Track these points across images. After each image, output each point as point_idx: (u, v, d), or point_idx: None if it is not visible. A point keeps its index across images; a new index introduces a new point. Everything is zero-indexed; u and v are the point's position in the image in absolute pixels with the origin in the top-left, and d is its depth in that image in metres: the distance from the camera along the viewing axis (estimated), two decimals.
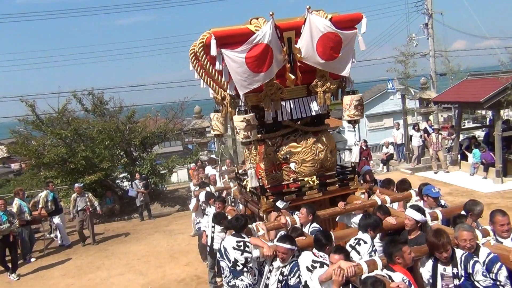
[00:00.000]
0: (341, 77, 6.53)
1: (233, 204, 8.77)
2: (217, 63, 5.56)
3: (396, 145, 18.40)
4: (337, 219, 6.62)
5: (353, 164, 7.06)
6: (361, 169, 7.94)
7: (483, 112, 26.89)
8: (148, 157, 15.36)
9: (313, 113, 6.65)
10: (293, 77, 5.94)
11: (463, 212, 5.50)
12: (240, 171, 8.09)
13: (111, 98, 16.28)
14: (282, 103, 6.33)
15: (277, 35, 5.62)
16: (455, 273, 4.26)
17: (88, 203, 11.70)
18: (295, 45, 5.88)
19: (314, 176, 6.56)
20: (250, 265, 5.29)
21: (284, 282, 4.84)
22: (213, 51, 5.42)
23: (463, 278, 4.23)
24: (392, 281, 4.03)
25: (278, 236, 5.28)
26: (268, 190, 6.35)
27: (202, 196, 8.43)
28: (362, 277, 4.07)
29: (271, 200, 6.27)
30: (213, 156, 16.80)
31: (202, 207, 8.74)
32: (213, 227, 7.52)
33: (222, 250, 5.41)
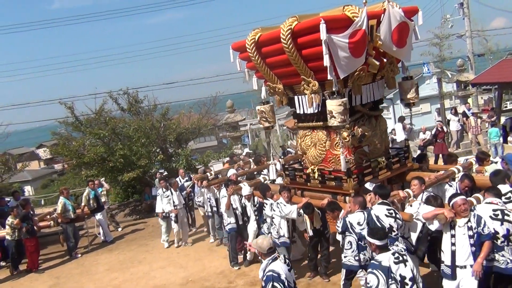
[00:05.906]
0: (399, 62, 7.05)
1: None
2: (323, 47, 5.63)
3: None
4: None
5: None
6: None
7: None
8: (183, 152, 15.58)
9: (377, 98, 6.98)
10: (377, 63, 6.17)
11: None
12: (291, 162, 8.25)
13: (145, 96, 16.64)
14: None
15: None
16: None
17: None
18: (376, 33, 6.04)
19: (383, 157, 6.97)
20: (400, 232, 5.60)
21: (475, 235, 5.04)
22: (323, 35, 5.54)
23: None
24: None
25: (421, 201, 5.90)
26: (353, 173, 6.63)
27: (245, 191, 8.32)
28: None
29: (356, 182, 6.56)
30: (247, 149, 16.85)
31: (233, 206, 8.64)
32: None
33: (374, 218, 5.62)
